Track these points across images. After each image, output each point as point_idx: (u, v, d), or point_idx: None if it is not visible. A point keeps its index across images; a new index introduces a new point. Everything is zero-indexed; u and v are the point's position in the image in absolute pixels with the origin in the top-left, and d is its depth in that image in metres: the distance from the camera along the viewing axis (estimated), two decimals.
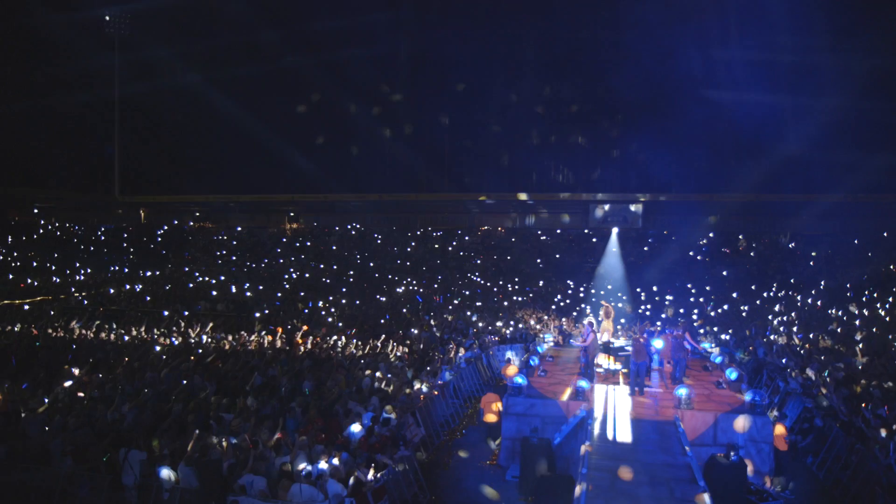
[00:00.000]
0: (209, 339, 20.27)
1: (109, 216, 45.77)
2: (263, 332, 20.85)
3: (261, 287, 30.47)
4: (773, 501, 10.88)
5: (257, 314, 24.51)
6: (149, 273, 34.60)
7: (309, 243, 39.82)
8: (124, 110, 42.05)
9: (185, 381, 14.11)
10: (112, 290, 30.42)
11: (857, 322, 23.13)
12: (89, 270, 34.94)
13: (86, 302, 28.40)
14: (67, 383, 13.69)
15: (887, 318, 23.60)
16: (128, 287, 31.19)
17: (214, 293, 29.35)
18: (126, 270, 35.75)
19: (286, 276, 33.05)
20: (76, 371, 14.66)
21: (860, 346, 18.81)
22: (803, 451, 13.20)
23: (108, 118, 41.58)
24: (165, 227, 43.51)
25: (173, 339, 20.42)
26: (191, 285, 31.79)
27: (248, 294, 29.31)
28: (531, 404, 12.92)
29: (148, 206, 45.58)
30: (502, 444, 12.91)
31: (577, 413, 12.49)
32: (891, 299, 25.47)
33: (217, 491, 9.15)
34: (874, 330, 21.78)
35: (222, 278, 32.33)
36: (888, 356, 17.48)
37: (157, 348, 18.58)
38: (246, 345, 19.34)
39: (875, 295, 26.51)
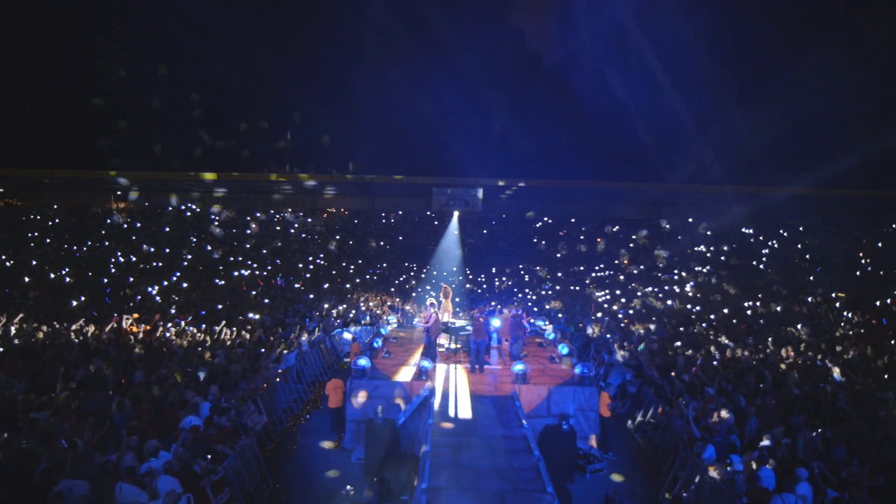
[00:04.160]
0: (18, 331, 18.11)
1: None
2: (85, 321, 19.03)
3: (89, 274, 27.83)
4: (599, 463, 11.96)
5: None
6: None
7: (139, 224, 36.79)
8: None
9: None
10: None
11: (669, 300, 25.97)
12: None
13: None
14: None
15: (690, 294, 26.73)
16: None
17: (27, 279, 26.34)
18: None
19: (113, 260, 30.37)
20: None
21: (671, 319, 21.11)
22: (624, 417, 14.61)
23: None
24: None
25: None
26: None
27: (68, 280, 26.63)
28: (375, 386, 13.03)
29: None
30: (347, 426, 12.89)
31: (420, 392, 12.78)
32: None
33: (29, 502, 8.21)
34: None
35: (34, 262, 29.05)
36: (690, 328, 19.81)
37: None
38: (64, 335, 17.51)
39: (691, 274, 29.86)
